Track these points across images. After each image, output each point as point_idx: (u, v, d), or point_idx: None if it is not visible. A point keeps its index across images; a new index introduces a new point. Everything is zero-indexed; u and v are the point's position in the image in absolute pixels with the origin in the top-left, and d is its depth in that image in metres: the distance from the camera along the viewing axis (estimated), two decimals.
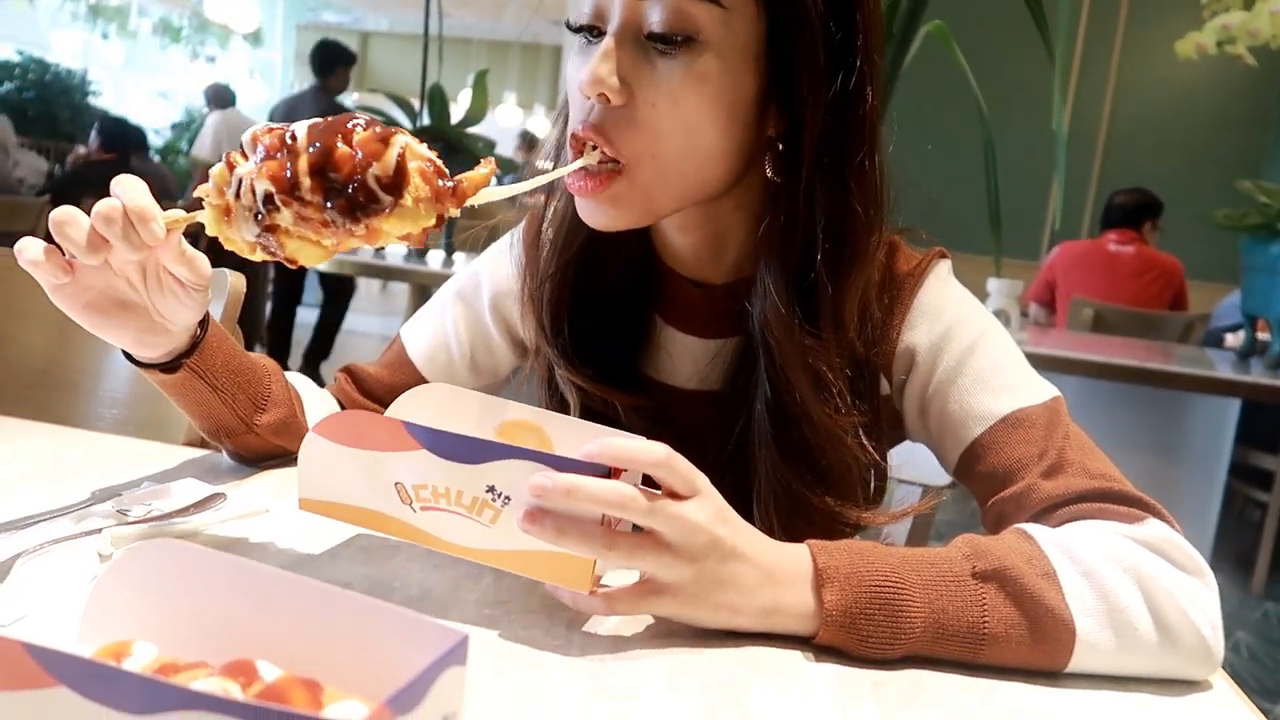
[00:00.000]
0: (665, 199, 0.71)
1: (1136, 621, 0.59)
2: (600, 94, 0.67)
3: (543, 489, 0.53)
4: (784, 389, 0.73)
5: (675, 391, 0.83)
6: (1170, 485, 2.43)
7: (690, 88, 0.66)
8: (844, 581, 0.58)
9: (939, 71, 2.26)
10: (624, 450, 0.54)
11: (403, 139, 0.57)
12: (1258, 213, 2.45)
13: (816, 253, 0.71)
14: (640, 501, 0.53)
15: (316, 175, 0.55)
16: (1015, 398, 0.74)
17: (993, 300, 2.42)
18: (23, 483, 0.75)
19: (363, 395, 0.92)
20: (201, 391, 0.76)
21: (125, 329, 0.68)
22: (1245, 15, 2.44)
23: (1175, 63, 2.66)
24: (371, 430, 0.59)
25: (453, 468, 0.57)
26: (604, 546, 0.54)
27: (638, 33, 0.67)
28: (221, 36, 11.43)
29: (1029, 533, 0.63)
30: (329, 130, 0.56)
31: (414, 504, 0.59)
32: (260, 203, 0.57)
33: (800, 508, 0.74)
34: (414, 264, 2.71)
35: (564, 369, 0.80)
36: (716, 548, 0.56)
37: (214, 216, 0.60)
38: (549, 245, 0.81)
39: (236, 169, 0.58)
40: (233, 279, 1.01)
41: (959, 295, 0.80)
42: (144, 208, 0.60)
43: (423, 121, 2.82)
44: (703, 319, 0.82)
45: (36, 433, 0.89)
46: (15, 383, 1.13)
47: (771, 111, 0.70)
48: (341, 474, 0.60)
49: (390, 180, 0.56)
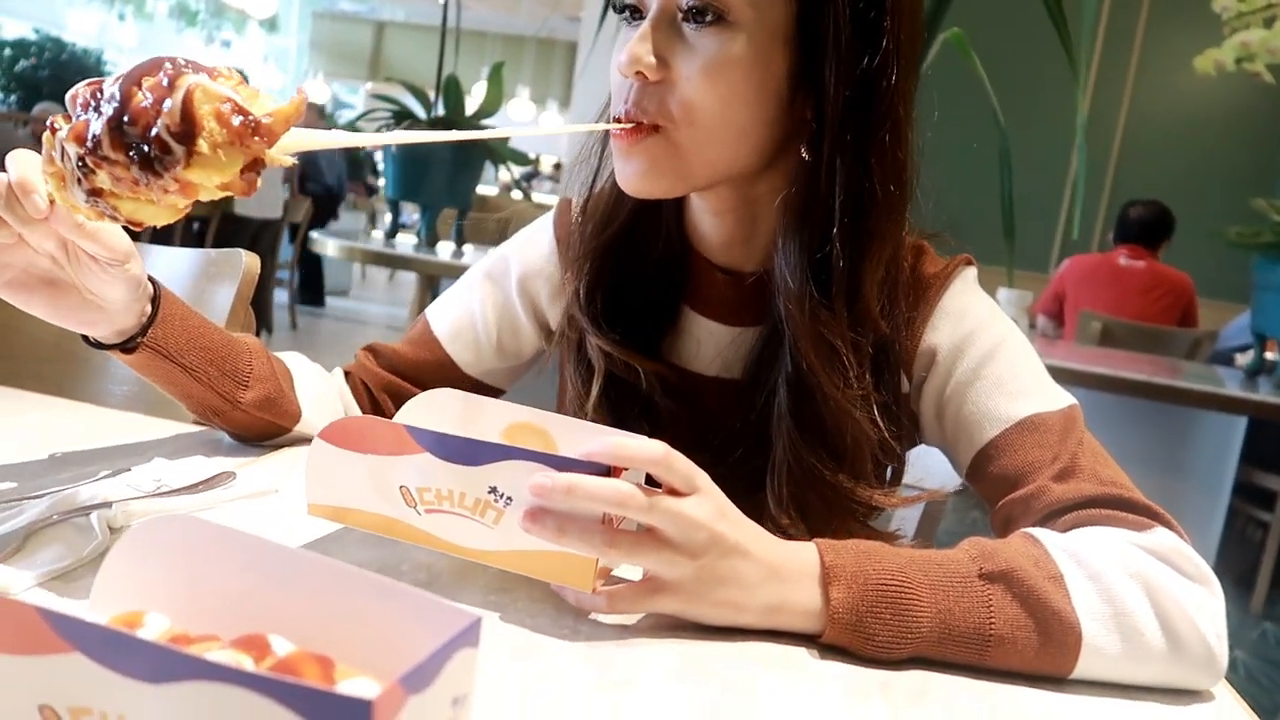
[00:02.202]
0: (700, 165, 0.73)
1: (1143, 627, 0.59)
2: (638, 72, 0.70)
3: (542, 488, 0.53)
4: (799, 361, 0.75)
5: (697, 377, 0.84)
6: (1173, 501, 2.42)
7: (722, 63, 0.69)
8: (850, 580, 0.58)
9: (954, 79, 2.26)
10: (623, 449, 0.54)
11: (193, 79, 0.51)
12: (1270, 231, 2.44)
13: (833, 226, 0.72)
14: (639, 498, 0.54)
15: (115, 131, 0.50)
16: (1032, 403, 0.74)
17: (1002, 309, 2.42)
18: (34, 455, 0.75)
19: (383, 368, 0.93)
20: (171, 371, 0.76)
21: (56, 307, 0.68)
22: (1265, 33, 2.43)
23: (1192, 77, 2.65)
24: (376, 435, 0.59)
25: (455, 470, 0.58)
26: (604, 544, 0.54)
27: (673, 14, 0.70)
28: (238, 21, 11.46)
29: (1036, 537, 0.63)
30: (129, 78, 0.51)
31: (419, 507, 0.59)
32: (76, 166, 0.52)
33: (813, 483, 0.75)
34: (423, 254, 2.71)
35: (594, 334, 0.82)
36: (717, 543, 0.56)
37: (55, 184, 0.55)
38: (591, 223, 0.84)
39: (58, 132, 0.53)
40: (247, 259, 1.01)
41: (983, 301, 0.81)
42: (24, 179, 0.59)
43: (438, 112, 2.82)
44: (729, 307, 0.83)
45: (48, 406, 0.89)
46: (27, 357, 1.13)
47: (803, 94, 0.72)
48: (348, 479, 0.60)
49: (180, 129, 0.50)
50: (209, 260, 1.09)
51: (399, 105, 2.83)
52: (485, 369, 0.93)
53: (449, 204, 2.89)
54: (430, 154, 2.75)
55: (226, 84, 0.52)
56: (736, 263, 0.83)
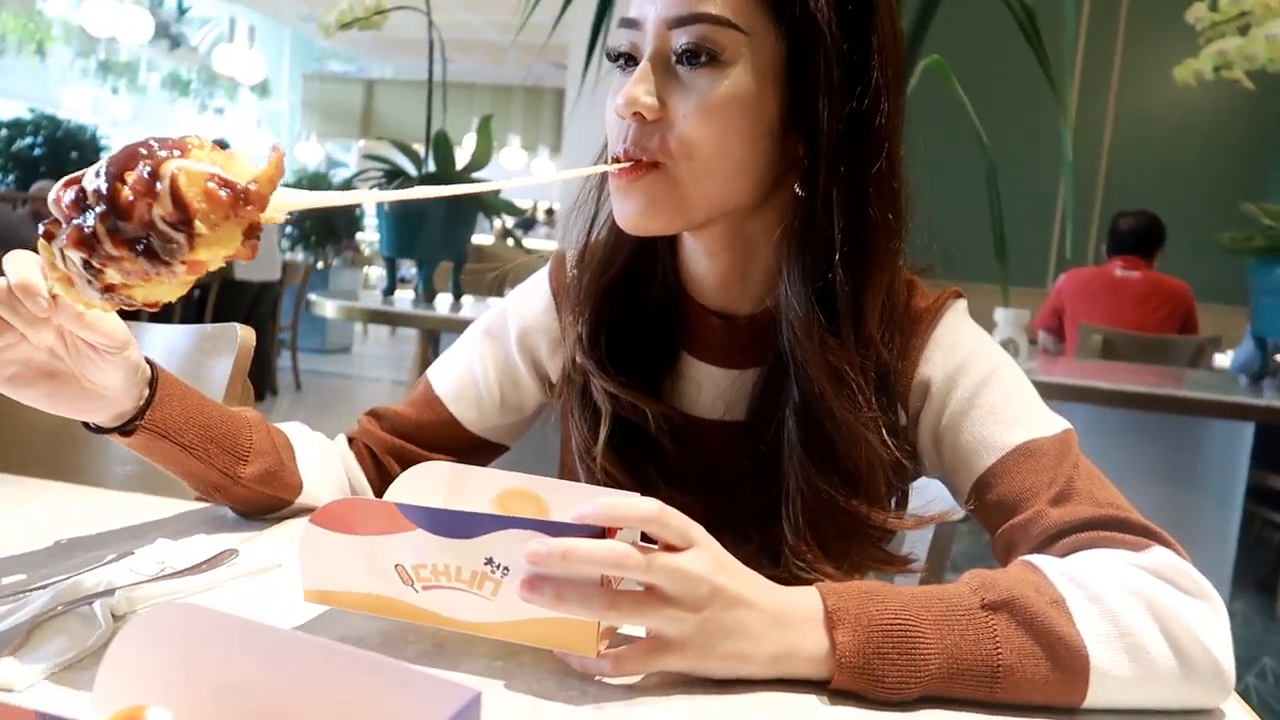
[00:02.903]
0: (698, 200, 0.74)
1: (1149, 645, 0.58)
2: (635, 112, 0.72)
3: (538, 555, 0.53)
4: (808, 388, 0.75)
5: (700, 421, 0.85)
6: (1187, 512, 2.41)
7: (718, 101, 0.71)
8: (855, 623, 0.57)
9: (939, 103, 2.28)
10: (616, 509, 0.54)
11: (172, 166, 0.51)
12: (1263, 235, 2.45)
13: (834, 254, 0.74)
14: (636, 558, 0.54)
15: (112, 232, 0.51)
16: (1027, 429, 0.75)
17: (1000, 330, 2.42)
18: (36, 544, 0.75)
19: (388, 432, 0.93)
20: (171, 450, 0.76)
21: (56, 398, 0.69)
22: (1241, 40, 2.45)
23: (1173, 88, 2.67)
24: (367, 516, 0.59)
25: (449, 544, 0.57)
26: (605, 607, 0.54)
27: (668, 58, 0.73)
28: (229, 88, 11.61)
29: (1034, 563, 0.63)
30: (111, 175, 0.52)
31: (415, 584, 0.59)
32: (83, 269, 0.53)
33: (829, 510, 0.76)
34: (422, 309, 2.72)
35: (600, 377, 0.82)
36: (719, 596, 0.56)
37: (63, 287, 0.56)
38: (589, 269, 0.85)
39: (55, 239, 0.54)
40: (242, 333, 1.02)
41: (974, 332, 0.83)
42: (26, 281, 0.60)
43: (428, 168, 2.85)
44: (726, 351, 0.84)
45: (50, 491, 0.90)
46: (28, 442, 1.13)
47: (794, 129, 0.74)
48: (342, 562, 0.60)
49: (176, 216, 0.51)
50: (204, 335, 1.10)
51: (390, 164, 2.86)
52: (489, 426, 0.93)
53: (445, 257, 2.91)
54: (423, 209, 2.78)
55: (203, 156, 0.52)
56: (731, 305, 0.84)
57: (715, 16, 0.70)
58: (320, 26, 2.79)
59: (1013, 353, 2.41)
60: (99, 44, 9.88)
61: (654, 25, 0.73)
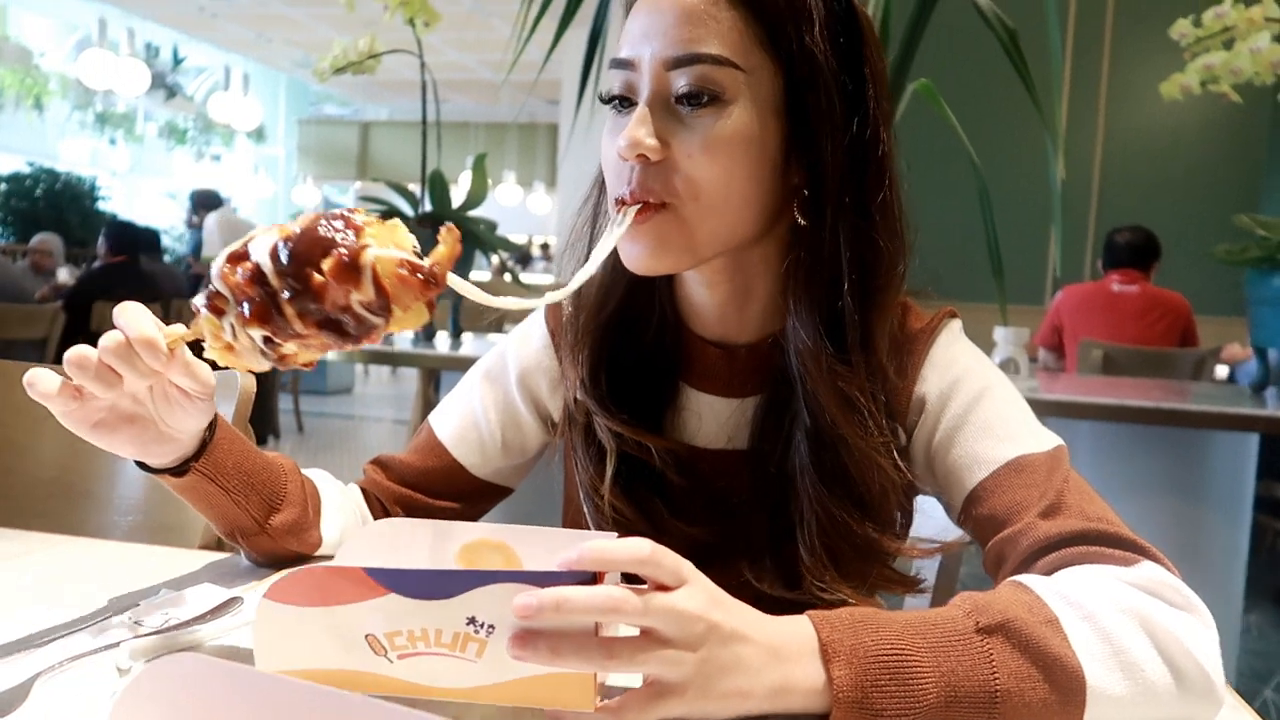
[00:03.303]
0: (706, 237, 0.75)
1: (1143, 663, 0.58)
2: (640, 155, 0.72)
3: (529, 609, 0.49)
4: (819, 415, 0.76)
5: (704, 452, 0.85)
6: (1196, 526, 2.40)
7: (721, 139, 0.72)
8: (850, 655, 0.56)
9: (930, 126, 2.30)
10: (605, 553, 0.52)
11: (371, 255, 0.54)
12: (1258, 246, 2.45)
13: (843, 284, 0.75)
14: (633, 601, 0.50)
15: (303, 314, 0.54)
16: (1019, 445, 0.76)
17: (1001, 349, 2.42)
18: (40, 598, 0.75)
19: (394, 482, 0.93)
20: (213, 493, 0.77)
21: (134, 441, 0.69)
22: (1227, 54, 2.47)
23: (1162, 103, 2.69)
24: (332, 585, 0.54)
25: (426, 606, 0.53)
26: (604, 657, 0.51)
27: (667, 99, 0.73)
28: (225, 135, 11.72)
29: (1025, 583, 0.63)
30: (298, 263, 0.53)
31: (390, 654, 0.54)
32: (262, 343, 0.56)
33: (842, 532, 0.76)
34: (422, 348, 2.73)
35: (603, 416, 0.82)
36: (715, 632, 0.53)
37: (219, 354, 0.59)
38: (586, 308, 0.85)
39: (225, 315, 0.56)
40: (243, 380, 1.02)
41: (968, 350, 0.84)
42: (147, 336, 0.61)
43: (424, 208, 2.87)
44: (726, 380, 0.84)
45: (52, 545, 0.89)
46: (30, 494, 1.13)
47: (794, 161, 0.75)
48: (304, 638, 0.55)
49: (377, 303, 0.54)
50: None
51: (387, 205, 2.88)
52: (492, 469, 0.93)
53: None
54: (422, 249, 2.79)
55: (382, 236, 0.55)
56: (730, 335, 0.84)
57: (715, 56, 0.71)
58: (314, 73, 2.82)
59: (1014, 371, 2.41)
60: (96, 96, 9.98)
61: (651, 66, 0.73)
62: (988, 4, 2.14)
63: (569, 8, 2.27)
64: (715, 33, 0.71)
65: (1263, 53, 2.41)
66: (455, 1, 7.91)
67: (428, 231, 2.79)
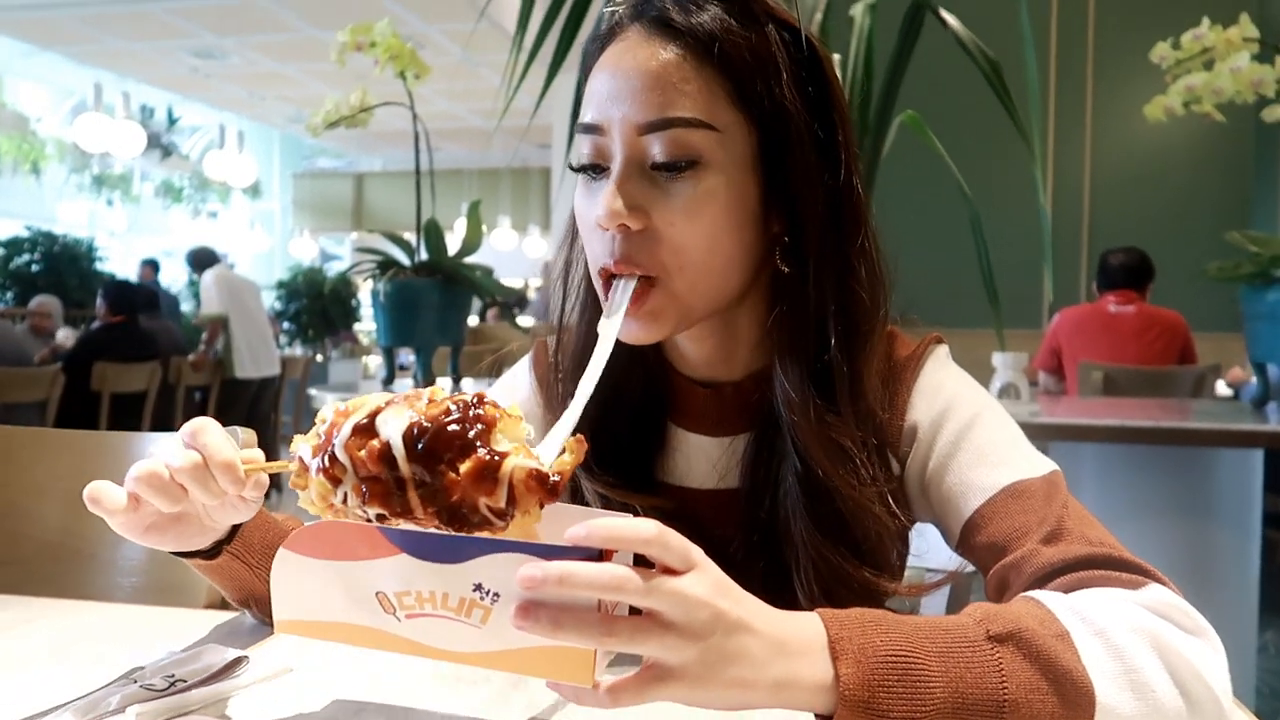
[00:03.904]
0: (698, 304, 0.75)
1: (1154, 684, 0.57)
2: (620, 225, 0.71)
3: (533, 580, 0.49)
4: (810, 465, 0.75)
5: (694, 493, 0.85)
6: (1206, 545, 2.38)
7: (701, 203, 0.71)
8: (859, 654, 0.55)
9: (919, 156, 2.32)
10: (614, 530, 0.51)
11: (510, 466, 0.54)
12: (1250, 262, 2.46)
13: (829, 335, 0.75)
14: (636, 581, 0.50)
15: (426, 502, 0.54)
16: (1014, 470, 0.75)
17: (999, 374, 2.42)
18: (45, 665, 0.74)
19: None
20: (238, 569, 0.78)
21: (179, 538, 0.70)
22: (1208, 75, 2.50)
23: (1148, 125, 2.71)
24: (346, 540, 0.56)
25: (435, 569, 0.54)
26: (603, 634, 0.50)
27: (642, 164, 0.72)
28: (222, 192, 11.81)
29: (1038, 598, 0.63)
30: (433, 457, 0.53)
31: (398, 613, 0.56)
32: (375, 518, 0.55)
33: (839, 577, 0.75)
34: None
35: (587, 479, 0.82)
36: (720, 621, 0.52)
37: (321, 510, 0.58)
38: (566, 363, 0.84)
39: (341, 484, 0.55)
40: (243, 435, 1.02)
41: (956, 375, 0.84)
42: (228, 461, 0.61)
43: (420, 256, 2.88)
44: (714, 419, 0.84)
45: (55, 611, 0.89)
46: (35, 559, 1.13)
47: (773, 210, 0.75)
48: (318, 589, 0.57)
49: (503, 509, 0.54)
50: None
51: (383, 254, 2.90)
52: None
53: (441, 343, 2.92)
54: (418, 298, 2.80)
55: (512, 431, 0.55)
56: (717, 376, 0.84)
57: (687, 119, 0.70)
58: (308, 128, 2.85)
59: (1014, 396, 2.41)
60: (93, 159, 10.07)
61: (623, 131, 0.72)
62: (969, 36, 2.17)
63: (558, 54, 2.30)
64: (685, 94, 0.71)
65: (1243, 72, 2.44)
66: (444, 53, 8.02)
67: (425, 280, 2.80)
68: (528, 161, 12.12)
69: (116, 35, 8.31)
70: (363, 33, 2.67)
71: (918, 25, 2.31)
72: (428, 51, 7.29)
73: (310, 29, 7.83)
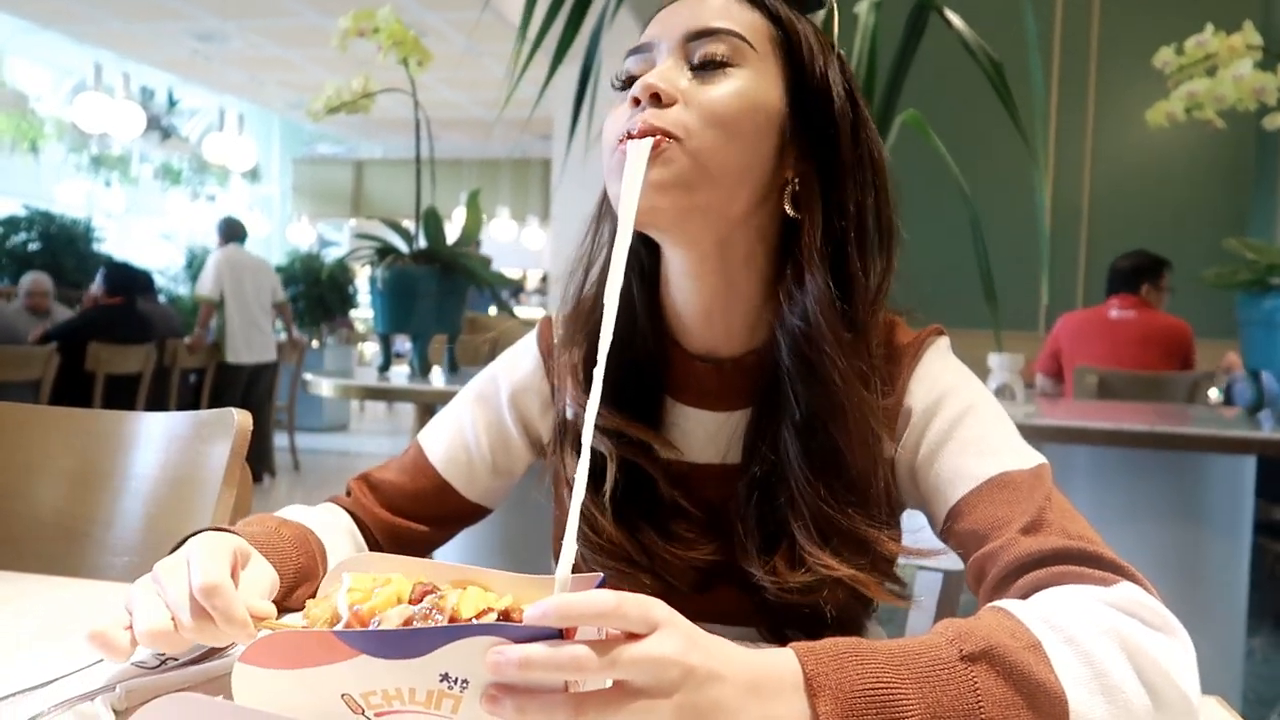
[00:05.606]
0: (705, 181, 0.76)
1: (1124, 686, 0.58)
2: (652, 94, 0.75)
3: (495, 667, 0.48)
4: (813, 427, 0.78)
5: (696, 467, 0.86)
6: (1196, 549, 2.39)
7: (727, 95, 0.76)
8: (835, 690, 0.55)
9: (920, 156, 2.32)
10: (569, 608, 0.49)
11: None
12: (1247, 269, 2.47)
13: (848, 246, 0.80)
14: (593, 659, 0.49)
15: None
16: (1002, 461, 0.76)
17: (995, 375, 2.42)
18: (36, 641, 0.74)
19: (382, 507, 0.93)
20: None
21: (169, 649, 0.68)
22: (1210, 81, 2.51)
23: (1149, 130, 2.72)
24: (303, 647, 0.53)
25: (398, 665, 0.52)
26: (571, 714, 0.49)
27: (683, 65, 0.78)
28: (220, 176, 11.76)
29: (1006, 608, 0.63)
30: None
31: (368, 712, 0.54)
32: None
33: (846, 539, 0.77)
34: (418, 384, 2.73)
35: (604, 411, 0.82)
36: (691, 676, 0.51)
37: None
38: (580, 316, 0.87)
39: None
40: (239, 417, 1.02)
41: (955, 367, 0.85)
42: (241, 622, 0.61)
43: (419, 244, 2.88)
44: (713, 394, 0.86)
45: (47, 588, 0.89)
46: (27, 537, 1.13)
47: (790, 153, 0.79)
48: (282, 697, 0.54)
49: None
50: (201, 421, 1.10)
51: (382, 241, 2.89)
52: (481, 490, 0.95)
53: (438, 331, 2.92)
54: (416, 285, 2.80)
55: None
56: (716, 347, 0.85)
57: (731, 30, 0.77)
58: (308, 113, 2.84)
59: (1009, 398, 2.41)
60: (91, 139, 10.04)
61: (669, 39, 0.79)
62: (973, 37, 2.17)
63: (561, 45, 2.30)
64: (731, 18, 0.78)
65: (1245, 79, 2.44)
66: (448, 41, 8.00)
67: (423, 267, 2.80)
68: (528, 152, 12.10)
69: (118, 15, 8.27)
70: (365, 19, 2.66)
71: (922, 25, 2.31)
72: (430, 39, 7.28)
73: (313, 14, 7.81)
